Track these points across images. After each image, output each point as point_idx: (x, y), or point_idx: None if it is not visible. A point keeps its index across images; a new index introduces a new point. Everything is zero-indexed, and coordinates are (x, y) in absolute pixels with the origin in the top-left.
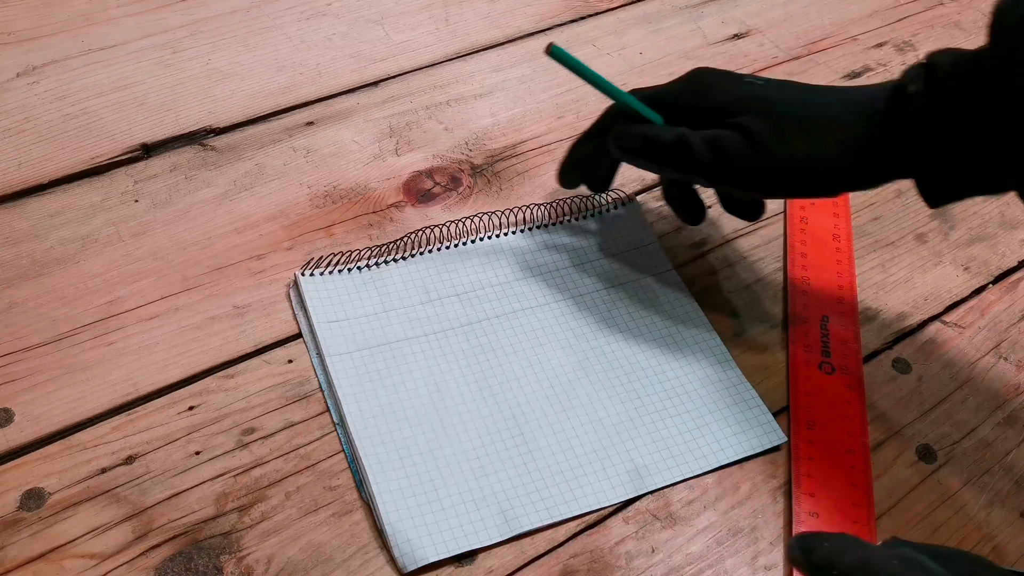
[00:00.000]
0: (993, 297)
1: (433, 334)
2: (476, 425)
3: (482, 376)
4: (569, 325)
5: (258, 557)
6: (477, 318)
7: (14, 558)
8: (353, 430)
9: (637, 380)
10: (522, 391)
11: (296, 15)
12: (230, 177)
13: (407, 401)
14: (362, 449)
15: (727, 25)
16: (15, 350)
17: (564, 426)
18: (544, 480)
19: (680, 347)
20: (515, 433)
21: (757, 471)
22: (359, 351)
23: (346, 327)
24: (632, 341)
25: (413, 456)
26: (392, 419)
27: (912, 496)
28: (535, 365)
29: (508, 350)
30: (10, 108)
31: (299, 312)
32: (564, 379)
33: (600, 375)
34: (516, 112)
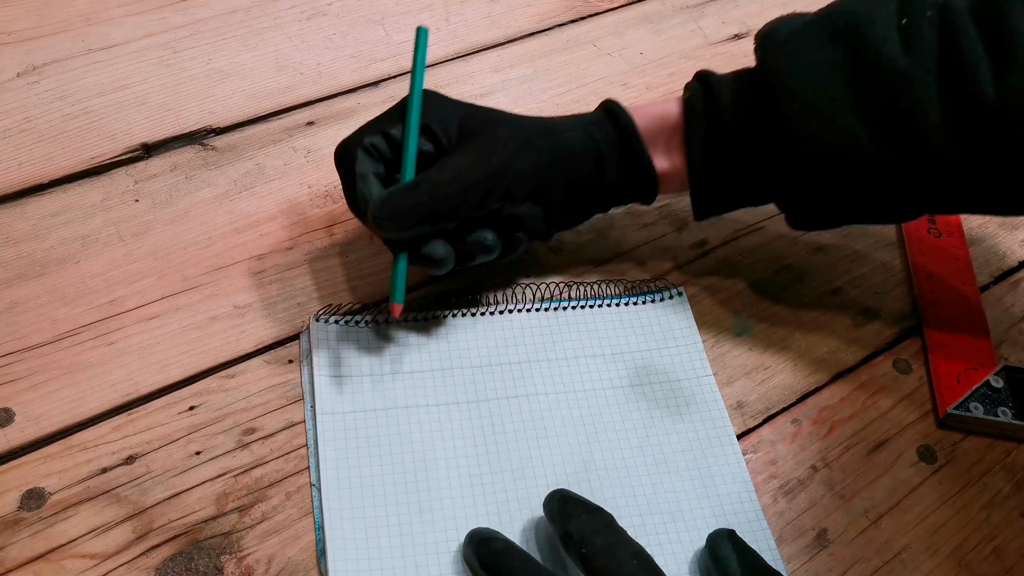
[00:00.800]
0: (994, 297)
1: (436, 406)
2: (456, 516)
3: (476, 463)
4: (582, 420)
5: (258, 557)
6: (486, 396)
7: (14, 558)
8: (325, 500)
9: (643, 498)
10: (514, 486)
11: (296, 15)
12: (230, 177)
13: (389, 476)
14: (328, 523)
15: (728, 25)
16: (15, 350)
17: (553, 540)
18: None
19: (699, 469)
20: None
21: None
22: (354, 413)
23: (347, 384)
24: (646, 452)
25: (380, 539)
26: (368, 494)
27: (913, 496)
28: (535, 459)
29: (510, 437)
30: (10, 108)
31: (304, 359)
32: (563, 481)
33: (602, 484)
34: (516, 112)
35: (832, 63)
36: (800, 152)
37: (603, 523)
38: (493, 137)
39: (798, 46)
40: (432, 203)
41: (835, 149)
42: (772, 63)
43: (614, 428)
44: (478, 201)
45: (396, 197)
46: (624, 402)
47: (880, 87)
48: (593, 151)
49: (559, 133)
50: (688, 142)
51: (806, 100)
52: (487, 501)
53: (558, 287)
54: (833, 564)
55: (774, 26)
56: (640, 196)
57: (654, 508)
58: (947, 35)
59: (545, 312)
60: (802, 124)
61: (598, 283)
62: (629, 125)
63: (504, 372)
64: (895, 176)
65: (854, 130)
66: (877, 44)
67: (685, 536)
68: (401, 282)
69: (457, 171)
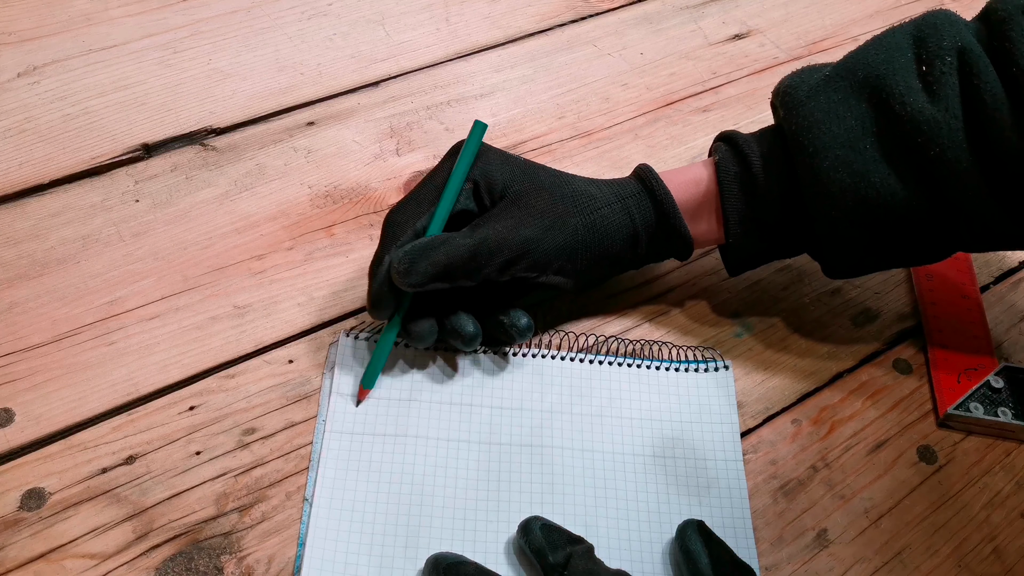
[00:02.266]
0: (994, 298)
1: (446, 441)
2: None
3: (473, 506)
4: (593, 482)
5: (259, 557)
6: (499, 440)
7: (14, 558)
8: (313, 518)
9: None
10: (507, 538)
11: (297, 15)
12: (231, 177)
13: (383, 505)
14: (311, 542)
15: (728, 25)
16: (15, 350)
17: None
18: None
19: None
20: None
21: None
22: (362, 435)
23: (362, 405)
24: (652, 529)
25: (359, 568)
26: (357, 519)
27: (913, 496)
28: (535, 514)
29: (514, 486)
30: (11, 108)
31: (327, 373)
32: None
33: (599, 553)
34: (517, 112)
35: (858, 116)
36: (835, 206)
37: (586, 552)
38: (530, 207)
39: (821, 102)
40: (450, 262)
41: (869, 201)
42: (799, 121)
43: (625, 496)
44: (500, 267)
45: (414, 252)
46: (642, 471)
47: (908, 137)
48: (630, 230)
49: (596, 211)
50: (724, 206)
51: (836, 155)
52: (475, 549)
53: (600, 339)
54: (833, 564)
55: (792, 83)
56: (675, 256)
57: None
58: (967, 80)
59: (580, 363)
60: (835, 179)
61: (643, 342)
62: (667, 200)
63: (524, 418)
64: (929, 221)
65: (886, 181)
66: (901, 94)
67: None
68: (380, 362)
69: (485, 235)
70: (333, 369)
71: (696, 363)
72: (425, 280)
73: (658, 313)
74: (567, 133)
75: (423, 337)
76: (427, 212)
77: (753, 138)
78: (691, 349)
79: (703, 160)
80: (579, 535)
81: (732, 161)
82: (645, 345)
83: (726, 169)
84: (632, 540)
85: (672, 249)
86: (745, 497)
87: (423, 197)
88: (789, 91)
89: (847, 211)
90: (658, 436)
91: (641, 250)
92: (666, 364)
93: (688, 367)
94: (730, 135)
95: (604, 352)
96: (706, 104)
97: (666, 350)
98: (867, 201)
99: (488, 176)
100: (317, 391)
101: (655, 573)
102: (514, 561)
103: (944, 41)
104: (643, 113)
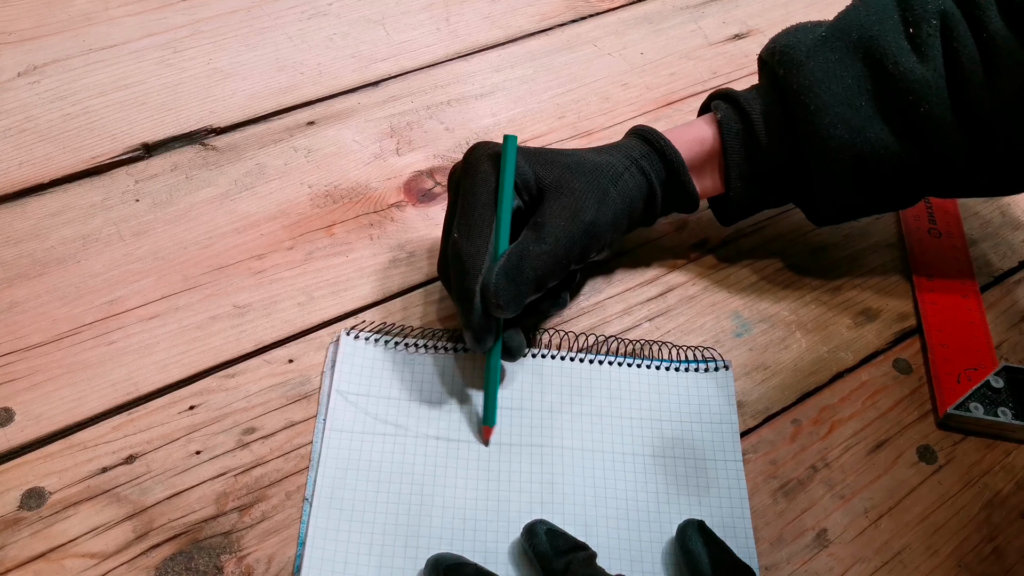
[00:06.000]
0: (994, 297)
1: (446, 440)
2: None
3: (473, 506)
4: (593, 482)
5: (258, 557)
6: (500, 440)
7: (14, 557)
8: (313, 517)
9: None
10: (507, 538)
11: (297, 15)
12: (231, 177)
13: (383, 504)
14: (311, 540)
15: (728, 25)
16: (15, 349)
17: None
18: None
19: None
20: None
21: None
22: (362, 433)
23: (362, 403)
24: (652, 529)
25: (359, 568)
26: (357, 519)
27: (912, 496)
28: (535, 514)
29: (515, 486)
30: (11, 107)
31: (327, 372)
32: None
33: (598, 552)
34: (517, 112)
35: (855, 75)
36: (833, 159)
37: (587, 559)
38: (573, 192)
39: (820, 62)
40: (540, 276)
41: (865, 154)
42: (800, 80)
43: (624, 496)
44: (579, 257)
45: (502, 280)
46: (642, 471)
47: (901, 95)
48: (648, 190)
49: (619, 177)
50: (727, 162)
51: (836, 112)
52: (475, 549)
53: (600, 339)
54: (833, 564)
55: (789, 43)
56: (680, 212)
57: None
58: (948, 43)
59: (580, 363)
60: (834, 135)
61: (643, 342)
62: (676, 159)
63: (524, 418)
64: (915, 171)
65: (880, 135)
66: (893, 55)
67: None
68: (496, 394)
69: (557, 236)
70: (333, 368)
71: (696, 363)
72: (523, 301)
73: (658, 313)
74: (567, 133)
75: (521, 349)
76: (489, 232)
77: (752, 95)
78: (691, 349)
79: (702, 118)
80: (583, 542)
81: (734, 119)
82: (645, 345)
83: (728, 127)
84: (632, 540)
85: (679, 205)
86: (745, 497)
87: (478, 220)
88: (787, 51)
89: (844, 164)
90: (658, 436)
91: (657, 208)
92: (666, 364)
93: (688, 367)
94: (728, 93)
95: (604, 352)
96: None
97: (666, 350)
98: (863, 154)
99: (521, 173)
100: (317, 391)
101: (655, 573)
102: (514, 561)
103: (928, 4)
104: (643, 113)
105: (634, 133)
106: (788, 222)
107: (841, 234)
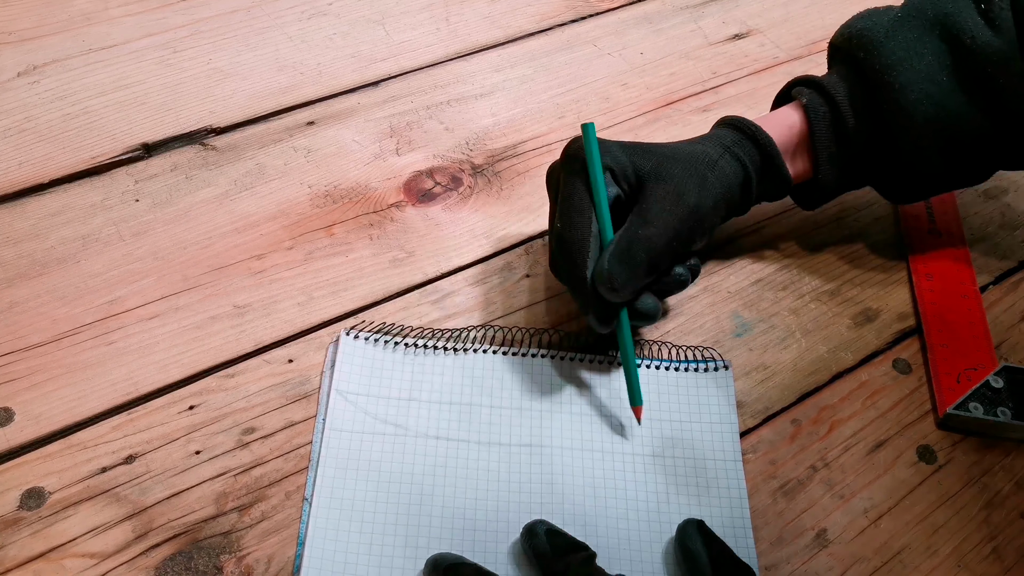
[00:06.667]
0: (994, 297)
1: (446, 440)
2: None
3: (473, 506)
4: (592, 482)
5: (258, 557)
6: (499, 440)
7: (14, 557)
8: (313, 517)
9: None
10: (507, 539)
11: (297, 15)
12: (231, 177)
13: (382, 504)
14: (310, 540)
15: (728, 25)
16: (15, 349)
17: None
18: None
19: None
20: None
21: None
22: (362, 433)
23: (361, 403)
24: (652, 529)
25: (358, 567)
26: (357, 518)
27: (912, 496)
28: (534, 514)
29: (514, 487)
30: (11, 107)
31: (327, 372)
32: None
33: (598, 552)
34: (517, 112)
35: (934, 51)
36: (921, 135)
37: (587, 559)
38: (673, 177)
39: (900, 41)
40: (651, 258)
41: (950, 128)
42: (883, 60)
43: (624, 496)
44: (686, 241)
45: (615, 264)
46: (641, 470)
47: (980, 68)
48: (743, 176)
49: (715, 162)
50: (816, 146)
51: (920, 89)
52: (475, 549)
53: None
54: (833, 564)
55: (864, 25)
56: (770, 199)
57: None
58: (1019, 15)
59: (580, 362)
60: (920, 111)
61: (643, 342)
62: (770, 144)
63: (524, 418)
64: (995, 142)
65: (963, 108)
66: (970, 29)
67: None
68: (636, 373)
69: (663, 219)
70: (333, 368)
71: (696, 363)
72: (638, 283)
73: None
74: (567, 133)
75: (656, 311)
76: (591, 218)
77: (834, 80)
78: (691, 349)
79: (787, 105)
80: (583, 542)
81: (820, 103)
82: (645, 345)
83: (815, 111)
84: (632, 540)
85: (772, 191)
86: (745, 497)
87: (577, 207)
88: (865, 33)
89: (931, 139)
90: (657, 435)
91: (752, 194)
92: (666, 364)
93: (688, 367)
94: (810, 79)
95: (604, 352)
96: (706, 104)
97: (666, 350)
98: (948, 128)
99: (618, 162)
100: (317, 391)
101: (655, 573)
102: (514, 561)
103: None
104: (643, 113)
105: (724, 123)
106: (788, 222)
107: (841, 234)
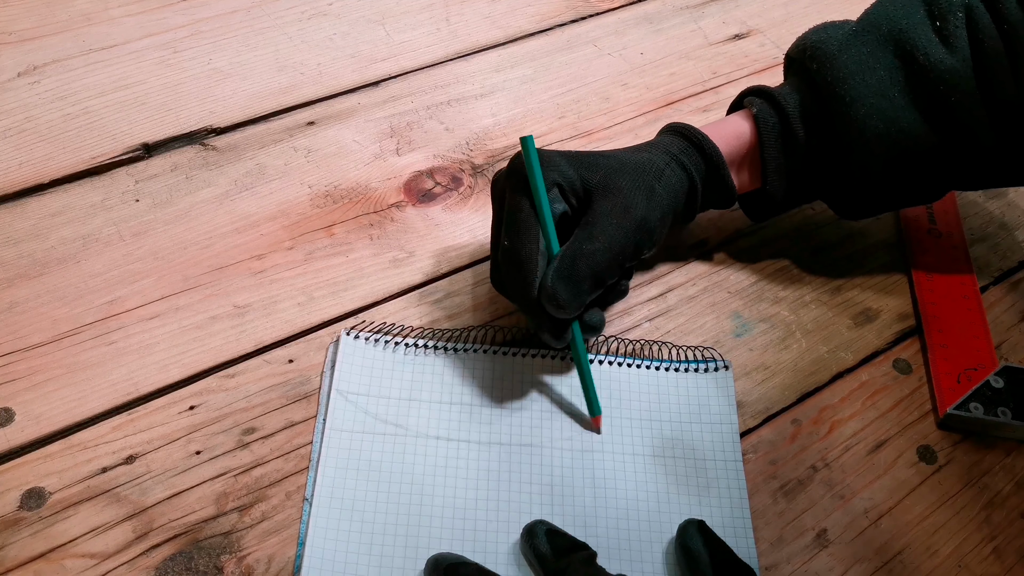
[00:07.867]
0: (994, 297)
1: (446, 440)
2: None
3: (473, 506)
4: (592, 482)
5: (258, 557)
6: (499, 440)
7: (15, 557)
8: (313, 517)
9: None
10: (507, 539)
11: (297, 15)
12: (231, 177)
13: (383, 504)
14: (311, 540)
15: (728, 25)
16: (15, 349)
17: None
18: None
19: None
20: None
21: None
22: (362, 433)
23: (362, 403)
24: (653, 529)
25: (359, 568)
26: (357, 519)
27: (912, 496)
28: (535, 514)
29: (514, 487)
30: (11, 107)
31: (327, 372)
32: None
33: (598, 553)
34: (517, 112)
35: (887, 67)
36: (869, 150)
37: (587, 559)
38: (620, 190)
39: (853, 55)
40: (596, 273)
41: (899, 144)
42: (835, 72)
43: (624, 496)
44: (632, 254)
45: (558, 281)
46: (642, 471)
47: (932, 85)
48: (688, 185)
49: (662, 173)
50: (764, 156)
51: (871, 103)
52: (475, 549)
53: (600, 339)
54: (833, 564)
55: (819, 38)
56: (716, 207)
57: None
58: (973, 35)
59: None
60: (869, 125)
61: (643, 342)
62: (716, 154)
63: (524, 418)
64: (945, 160)
65: (914, 125)
66: (924, 47)
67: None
68: (592, 382)
69: (609, 234)
70: (333, 368)
71: (696, 363)
72: (583, 299)
73: (658, 313)
74: (567, 133)
75: (601, 325)
76: (537, 235)
77: (786, 91)
78: (691, 349)
79: (736, 113)
80: (583, 542)
81: (770, 114)
82: (645, 345)
83: (765, 122)
84: (632, 540)
85: (717, 200)
86: (745, 497)
87: (523, 224)
88: (819, 46)
89: (879, 155)
90: (658, 436)
91: (697, 203)
92: (666, 364)
93: (688, 367)
94: (761, 89)
95: (604, 352)
96: (706, 104)
97: (666, 350)
98: (898, 144)
99: (566, 176)
100: (317, 391)
101: (655, 573)
102: (514, 561)
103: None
104: (643, 113)
105: (670, 130)
106: (788, 222)
107: (841, 234)
